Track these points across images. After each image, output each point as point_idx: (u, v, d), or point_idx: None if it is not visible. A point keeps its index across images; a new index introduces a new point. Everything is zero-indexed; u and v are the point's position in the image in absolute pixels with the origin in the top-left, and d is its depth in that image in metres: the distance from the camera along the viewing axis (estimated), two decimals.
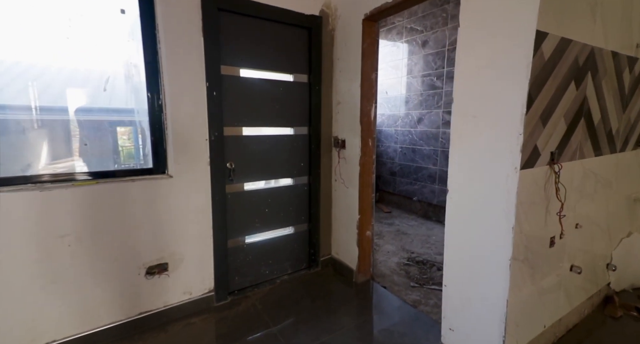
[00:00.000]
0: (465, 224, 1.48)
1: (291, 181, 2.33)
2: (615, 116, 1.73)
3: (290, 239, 2.36)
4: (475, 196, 1.43)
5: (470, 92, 1.42)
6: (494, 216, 1.35)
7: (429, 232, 3.54)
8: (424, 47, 3.86)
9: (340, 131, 2.36)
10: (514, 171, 1.27)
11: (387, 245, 3.15)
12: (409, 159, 4.16)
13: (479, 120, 1.39)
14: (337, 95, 2.36)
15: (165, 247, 1.80)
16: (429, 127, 3.85)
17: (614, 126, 1.75)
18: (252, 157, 2.09)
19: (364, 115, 2.18)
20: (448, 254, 1.59)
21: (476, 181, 1.42)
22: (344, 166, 2.35)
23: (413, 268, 2.61)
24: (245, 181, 2.09)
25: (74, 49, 1.66)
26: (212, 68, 1.83)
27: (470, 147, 1.44)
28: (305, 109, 2.30)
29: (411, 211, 4.25)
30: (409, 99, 4.11)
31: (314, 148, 2.34)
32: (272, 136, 2.18)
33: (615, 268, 1.89)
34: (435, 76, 3.73)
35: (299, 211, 2.38)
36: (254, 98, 2.05)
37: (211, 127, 1.86)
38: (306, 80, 2.28)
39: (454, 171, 1.53)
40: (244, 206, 2.10)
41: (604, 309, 1.95)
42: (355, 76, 2.16)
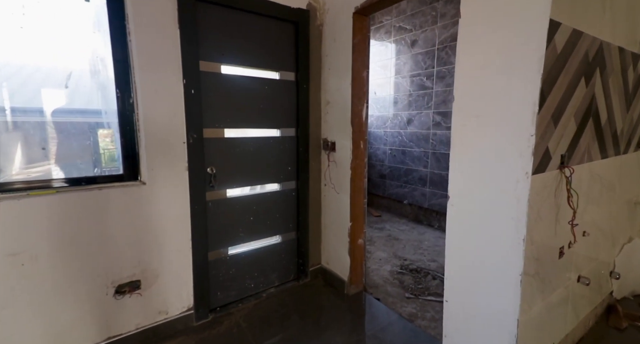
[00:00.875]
0: (468, 235, 1.36)
1: (278, 186, 2.17)
2: (620, 116, 1.66)
3: (278, 248, 2.19)
4: (480, 203, 1.31)
5: (473, 90, 1.30)
6: (502, 226, 1.23)
7: (420, 237, 3.44)
8: (413, 47, 3.78)
9: (330, 133, 2.22)
10: (524, 177, 1.15)
11: (379, 252, 3.03)
12: (399, 161, 4.06)
13: (483, 120, 1.27)
14: (326, 94, 2.22)
15: (137, 263, 1.60)
16: (419, 128, 3.76)
17: (619, 126, 1.68)
18: (235, 161, 1.92)
19: (355, 115, 2.04)
20: (449, 267, 1.46)
21: (481, 187, 1.30)
22: (334, 170, 2.21)
23: (407, 277, 2.49)
24: (228, 187, 1.91)
25: (29, 40, 1.46)
26: (190, 64, 1.65)
27: (473, 150, 1.32)
28: (292, 109, 2.15)
29: (402, 214, 4.15)
30: (398, 99, 4.02)
31: (302, 151, 2.19)
32: (257, 138, 2.02)
33: (619, 276, 1.82)
34: (425, 76, 3.65)
35: (286, 218, 2.22)
36: (236, 97, 1.88)
37: (189, 129, 1.68)
38: (293, 79, 2.13)
39: (456, 176, 1.41)
40: (227, 215, 1.92)
41: (607, 320, 1.87)
42: (346, 74, 2.03)
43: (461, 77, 1.35)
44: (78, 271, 1.45)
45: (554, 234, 1.33)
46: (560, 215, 1.35)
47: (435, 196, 3.65)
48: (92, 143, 1.56)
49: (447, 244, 1.47)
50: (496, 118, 1.22)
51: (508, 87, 1.18)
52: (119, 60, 1.53)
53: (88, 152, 1.57)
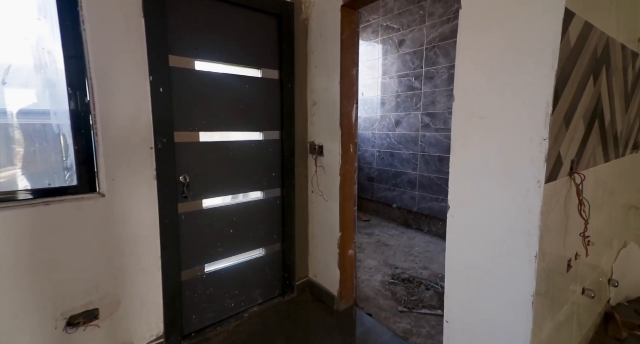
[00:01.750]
0: (471, 249, 1.23)
1: (261, 194, 1.98)
2: (620, 117, 1.59)
3: (261, 262, 2.01)
4: (485, 215, 1.18)
5: (477, 89, 1.17)
6: (510, 240, 1.11)
7: (410, 242, 3.33)
8: (400, 47, 3.68)
9: (317, 136, 2.06)
10: (536, 185, 1.03)
11: (369, 259, 2.89)
12: (388, 164, 3.95)
13: (489, 122, 1.14)
14: (313, 94, 2.05)
15: (94, 289, 1.38)
16: (408, 130, 3.66)
17: (619, 127, 1.60)
18: (212, 168, 1.72)
19: (345, 117, 1.89)
20: (450, 284, 1.32)
21: (486, 196, 1.17)
22: (322, 176, 2.04)
23: (399, 288, 2.36)
24: (204, 197, 1.71)
25: None
26: (157, 58, 1.44)
27: (477, 156, 1.19)
28: (276, 110, 1.97)
29: (390, 218, 4.04)
30: (386, 100, 3.91)
31: (287, 155, 2.02)
32: (237, 141, 1.83)
33: (617, 283, 1.74)
34: (413, 77, 3.56)
35: (270, 229, 2.03)
36: (213, 97, 1.69)
37: (157, 132, 1.47)
38: (277, 77, 1.95)
39: (457, 184, 1.28)
40: (203, 228, 1.72)
41: (606, 330, 1.80)
42: (334, 72, 1.87)
43: (462, 74, 1.22)
44: (19, 304, 1.22)
45: (563, 246, 1.22)
46: (569, 225, 1.24)
47: (424, 200, 3.55)
48: (38, 150, 1.33)
49: (448, 259, 1.34)
50: (503, 120, 1.10)
51: (517, 86, 1.05)
52: (71, 53, 1.31)
53: (34, 160, 1.34)
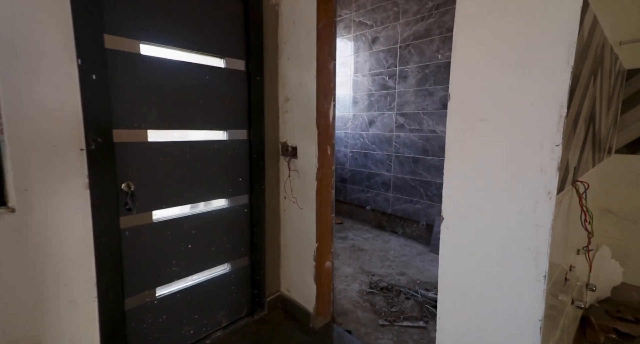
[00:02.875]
0: (469, 267, 1.10)
1: (225, 202, 1.73)
2: (604, 120, 1.55)
3: (226, 280, 1.75)
4: (485, 229, 1.04)
5: (477, 86, 1.03)
6: (515, 259, 0.98)
7: (385, 246, 3.23)
8: (374, 44, 3.56)
9: (291, 136, 1.84)
10: (546, 197, 0.90)
11: (344, 266, 2.73)
12: (361, 165, 3.83)
13: (491, 126, 1.01)
14: (285, 89, 1.83)
15: (1, 334, 1.05)
16: (382, 130, 3.56)
17: (604, 131, 1.57)
18: (164, 173, 1.44)
19: (321, 116, 1.69)
20: (444, 307, 1.18)
21: (487, 209, 1.03)
22: (296, 181, 1.83)
23: (378, 298, 2.22)
24: (155, 208, 1.43)
25: None
26: (88, 37, 1.14)
27: (477, 163, 1.05)
28: (242, 106, 1.72)
29: (364, 220, 3.93)
30: (359, 99, 3.78)
31: (256, 158, 1.78)
32: (196, 142, 1.56)
33: (595, 288, 1.73)
34: (387, 75, 3.45)
35: (237, 241, 1.78)
36: (166, 88, 1.41)
37: (90, 130, 1.17)
38: (243, 68, 1.71)
39: (452, 194, 1.13)
40: (154, 245, 1.43)
41: (584, 335, 1.79)
42: (309, 65, 1.67)
43: (460, 70, 1.07)
44: None
45: (563, 260, 1.13)
46: (569, 237, 1.15)
47: (399, 201, 3.47)
48: None
49: (441, 275, 1.20)
50: (509, 123, 0.96)
51: (526, 84, 0.92)
52: None
53: None
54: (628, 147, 2.03)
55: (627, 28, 1.86)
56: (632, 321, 1.92)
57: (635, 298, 2.11)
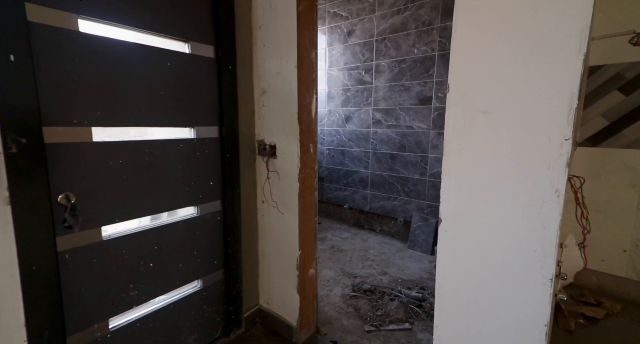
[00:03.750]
0: (469, 272, 1.01)
1: (194, 210, 1.51)
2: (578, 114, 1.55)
3: (197, 299, 1.54)
4: (487, 230, 0.96)
5: (479, 77, 0.93)
6: (519, 261, 0.90)
7: (365, 244, 3.15)
8: (350, 36, 3.43)
9: (268, 133, 1.65)
10: (554, 196, 0.83)
11: (325, 270, 2.60)
12: (338, 162, 3.71)
13: (495, 119, 0.91)
14: (261, 80, 1.64)
15: None
16: (359, 126, 3.46)
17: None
18: (116, 179, 1.19)
19: (303, 110, 1.53)
20: (441, 310, 1.09)
21: (489, 209, 0.95)
22: (275, 183, 1.65)
23: (362, 301, 2.11)
24: (105, 223, 1.18)
25: None
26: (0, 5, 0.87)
27: (478, 159, 0.96)
28: (213, 100, 1.50)
29: (342, 219, 3.82)
30: (335, 94, 3.65)
31: (229, 158, 1.57)
32: (157, 141, 1.32)
33: (566, 276, 1.76)
34: (364, 70, 3.35)
35: (209, 253, 1.57)
36: (116, 75, 1.16)
37: (9, 129, 0.90)
38: (212, 55, 1.48)
39: (451, 193, 1.04)
40: (104, 267, 1.19)
41: (557, 322, 1.82)
42: (288, 53, 1.49)
43: (460, 58, 0.96)
44: None
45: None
46: (563, 234, 1.10)
47: (376, 199, 3.41)
48: None
49: (439, 280, 1.11)
50: (514, 115, 0.88)
51: (533, 73, 0.83)
52: None
53: None
54: (589, 140, 2.09)
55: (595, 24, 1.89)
56: (595, 304, 2.00)
57: (594, 281, 2.21)
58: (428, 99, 2.88)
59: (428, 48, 2.82)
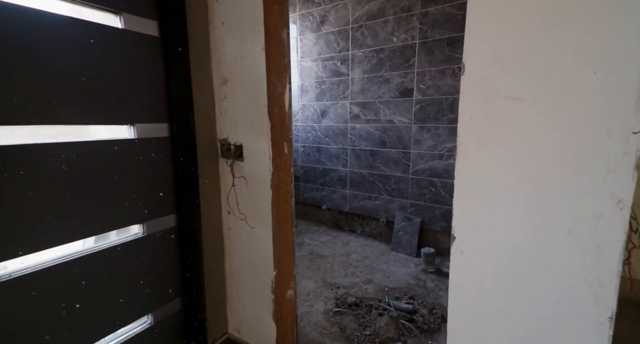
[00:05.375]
0: (493, 307, 0.81)
1: (139, 229, 1.20)
2: None
3: (147, 338, 1.23)
4: (517, 254, 0.76)
5: (506, 51, 0.72)
6: (564, 295, 0.71)
7: (346, 248, 2.94)
8: (323, 24, 3.17)
9: (233, 130, 1.37)
10: (615, 208, 0.64)
11: (305, 280, 2.36)
12: (314, 160, 3.46)
13: (528, 106, 0.71)
14: (222, 66, 1.34)
15: None
16: (336, 121, 3.23)
17: None
18: (19, 197, 0.86)
19: (274, 102, 1.26)
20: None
21: (520, 225, 0.75)
22: (243, 191, 1.37)
23: (348, 318, 1.90)
24: (6, 258, 0.85)
25: None
26: None
27: (504, 160, 0.75)
28: (159, 90, 1.19)
29: (320, 221, 3.59)
30: (309, 87, 3.38)
31: (184, 162, 1.27)
32: (80, 143, 1.00)
33: None
34: (339, 60, 3.11)
35: (160, 281, 1.27)
36: (14, 54, 0.83)
37: None
38: (156, 33, 1.17)
39: (467, 204, 0.83)
40: (6, 316, 0.86)
41: None
42: (254, 32, 1.21)
43: (479, 28, 0.75)
44: None
45: None
46: None
47: (356, 198, 3.21)
48: None
49: (452, 318, 0.90)
50: (556, 102, 0.68)
51: (586, 42, 0.63)
52: None
53: None
54: None
55: None
56: None
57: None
58: (409, 91, 2.71)
59: (408, 36, 2.64)
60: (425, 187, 2.73)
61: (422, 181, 2.73)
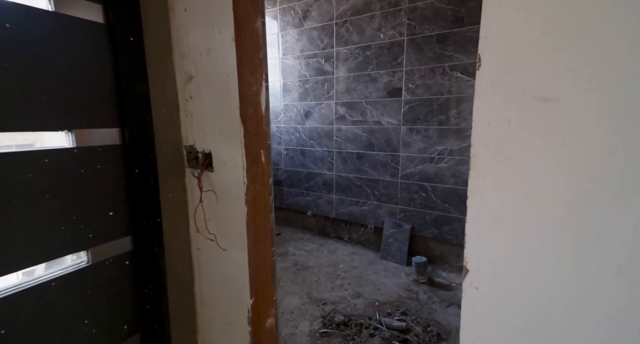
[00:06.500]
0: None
1: (83, 257, 0.98)
2: None
3: None
4: (549, 294, 0.61)
5: (538, 36, 0.57)
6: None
7: (333, 258, 2.78)
8: (305, 19, 2.99)
9: (201, 136, 1.17)
10: None
11: (289, 296, 2.18)
12: (298, 164, 3.28)
13: (568, 109, 0.56)
14: (186, 60, 1.14)
15: None
16: (320, 123, 3.06)
17: None
18: None
19: (248, 103, 1.07)
20: None
21: (553, 258, 0.60)
22: (213, 207, 1.18)
23: (336, 340, 1.73)
24: None
25: None
26: None
27: (534, 176, 0.60)
28: (105, 88, 0.98)
29: (305, 227, 3.42)
30: (291, 86, 3.20)
31: (140, 175, 1.06)
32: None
33: None
34: (323, 58, 2.94)
35: (112, 317, 1.06)
36: None
37: None
38: (101, 19, 0.96)
39: (484, 230, 0.68)
40: None
41: None
42: (222, 21, 1.02)
43: (503, 10, 0.59)
44: None
45: None
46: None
47: (343, 204, 3.05)
48: None
49: None
50: (609, 107, 0.52)
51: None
52: None
53: None
54: None
55: None
56: None
57: None
58: (397, 90, 2.57)
59: (395, 32, 2.50)
60: (415, 192, 2.60)
61: (412, 185, 2.60)
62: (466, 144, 2.31)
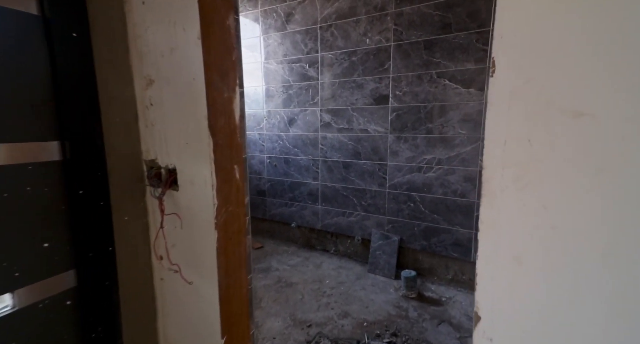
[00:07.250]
0: None
1: (8, 301, 0.79)
2: None
3: None
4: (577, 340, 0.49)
5: (567, 36, 0.45)
6: None
7: (318, 272, 2.63)
8: (288, 23, 2.87)
9: (163, 149, 1.01)
10: None
11: (271, 319, 2.00)
12: (282, 173, 3.12)
13: (602, 126, 0.44)
14: (146, 61, 0.98)
15: None
16: (305, 130, 2.92)
17: None
18: None
19: (219, 112, 0.92)
20: None
21: (586, 306, 0.47)
22: (176, 232, 1.01)
23: None
24: None
25: None
26: None
27: (560, 210, 0.48)
28: (40, 93, 0.81)
29: (289, 240, 3.25)
30: (274, 92, 3.06)
31: (85, 196, 0.89)
32: None
33: None
34: (307, 63, 2.82)
35: None
36: None
37: None
38: (34, 10, 0.79)
39: (500, 271, 0.55)
40: None
41: None
42: (187, 15, 0.87)
43: (524, 5, 0.48)
44: None
45: None
46: None
47: (329, 215, 2.91)
48: None
49: None
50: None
51: None
52: None
53: None
54: None
55: None
56: None
57: None
58: (384, 97, 2.47)
59: (382, 38, 2.41)
60: (403, 202, 2.50)
61: (400, 195, 2.50)
62: (454, 153, 2.23)
